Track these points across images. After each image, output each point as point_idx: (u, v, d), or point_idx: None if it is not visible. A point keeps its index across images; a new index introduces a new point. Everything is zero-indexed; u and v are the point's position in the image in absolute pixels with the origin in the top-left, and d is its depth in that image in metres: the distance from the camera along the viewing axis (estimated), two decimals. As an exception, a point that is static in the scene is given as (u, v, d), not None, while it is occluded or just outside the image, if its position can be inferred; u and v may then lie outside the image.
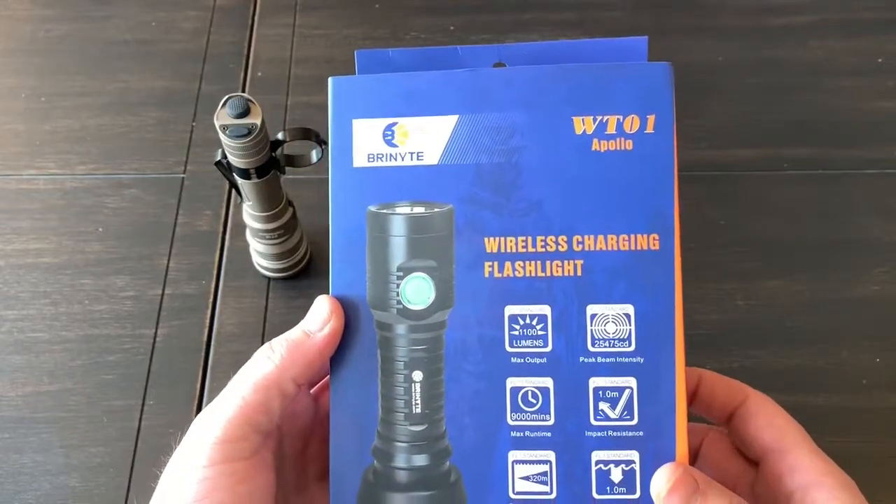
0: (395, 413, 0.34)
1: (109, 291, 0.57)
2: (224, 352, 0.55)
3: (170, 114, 0.65)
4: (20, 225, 0.60)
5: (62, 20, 0.70)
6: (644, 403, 0.33)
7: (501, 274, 0.34)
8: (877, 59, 0.68)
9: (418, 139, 0.34)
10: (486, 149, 0.34)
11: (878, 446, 0.51)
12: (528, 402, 0.33)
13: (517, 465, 0.33)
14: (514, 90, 0.34)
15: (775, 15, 0.70)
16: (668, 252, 0.33)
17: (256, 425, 0.32)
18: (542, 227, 0.34)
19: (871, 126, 0.65)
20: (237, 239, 0.59)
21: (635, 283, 0.33)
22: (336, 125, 0.35)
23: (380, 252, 0.34)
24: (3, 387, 0.53)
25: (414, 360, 0.34)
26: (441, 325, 0.34)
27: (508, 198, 0.34)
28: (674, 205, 0.33)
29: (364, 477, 0.33)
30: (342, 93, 0.35)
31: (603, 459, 0.33)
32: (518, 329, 0.34)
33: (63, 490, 0.50)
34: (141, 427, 0.52)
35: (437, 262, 0.34)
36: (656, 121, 0.34)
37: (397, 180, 0.34)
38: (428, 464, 0.34)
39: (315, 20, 0.70)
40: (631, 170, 0.34)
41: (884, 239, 0.59)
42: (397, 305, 0.34)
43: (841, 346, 0.55)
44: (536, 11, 0.71)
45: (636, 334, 0.33)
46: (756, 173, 0.62)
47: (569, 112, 0.34)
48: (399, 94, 0.35)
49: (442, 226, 0.34)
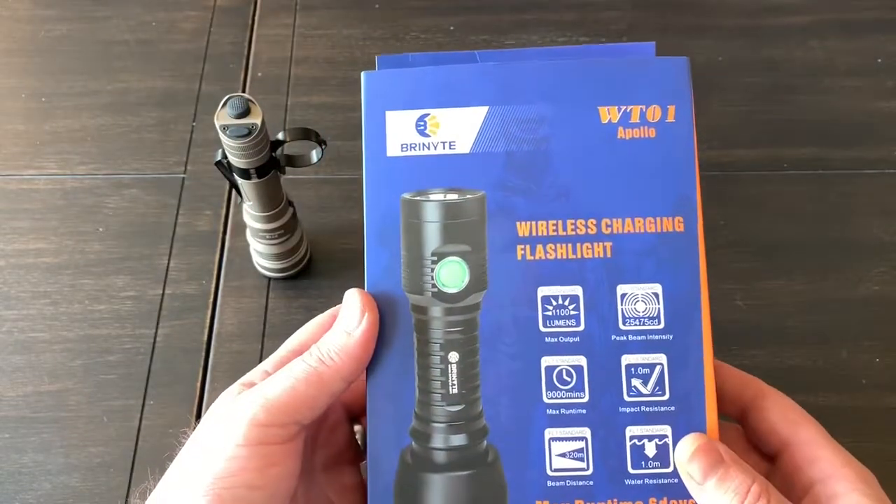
0: (433, 394, 0.34)
1: (109, 291, 0.57)
2: (224, 352, 0.55)
3: (170, 114, 0.65)
4: (20, 225, 0.60)
5: (62, 20, 0.70)
6: (674, 379, 0.34)
7: (533, 256, 0.35)
8: (877, 59, 0.68)
9: (450, 129, 0.36)
10: (515, 138, 0.35)
11: (878, 446, 0.51)
12: (562, 381, 0.34)
13: (554, 442, 0.34)
14: (541, 83, 0.36)
15: (775, 15, 0.71)
16: (693, 234, 0.35)
17: (300, 417, 0.33)
18: (571, 211, 0.35)
19: (871, 126, 0.65)
20: (237, 239, 0.59)
21: (663, 264, 0.34)
22: (369, 117, 0.36)
23: (414, 238, 0.35)
24: (4, 387, 0.53)
25: (450, 342, 0.34)
26: (476, 307, 0.35)
27: (539, 184, 0.35)
28: (696, 189, 0.35)
29: (401, 458, 0.34)
30: (375, 86, 0.36)
31: (637, 435, 0.34)
32: (551, 309, 0.34)
33: (63, 490, 0.50)
34: (141, 427, 0.52)
35: (471, 247, 0.35)
36: (677, 111, 0.35)
37: (430, 168, 0.35)
38: (466, 443, 0.34)
39: (315, 20, 0.70)
40: (654, 156, 0.35)
41: (884, 239, 0.59)
42: (432, 289, 0.35)
43: (841, 346, 0.55)
44: (536, 11, 0.71)
45: (665, 312, 0.34)
46: (756, 173, 0.62)
47: (594, 103, 0.35)
48: (431, 87, 0.36)
49: (475, 211, 0.35)
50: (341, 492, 0.38)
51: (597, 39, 0.69)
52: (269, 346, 0.55)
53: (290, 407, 0.32)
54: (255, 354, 0.54)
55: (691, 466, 0.32)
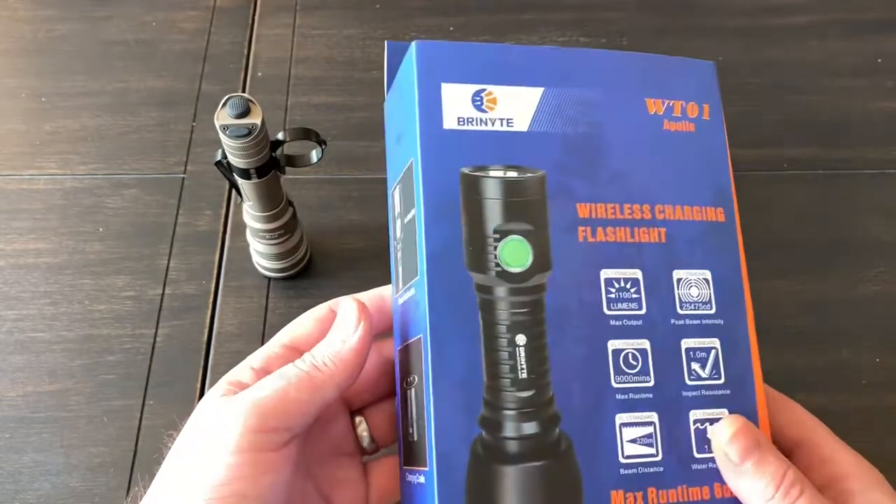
0: (501, 379, 0.33)
1: (109, 291, 0.57)
2: (224, 352, 0.55)
3: (170, 114, 0.65)
4: (20, 225, 0.60)
5: (62, 20, 0.70)
6: (728, 363, 0.34)
7: (595, 238, 0.35)
8: (877, 59, 0.68)
9: (507, 106, 0.35)
10: (570, 119, 0.36)
11: (879, 446, 0.51)
12: (629, 365, 0.34)
13: (625, 428, 0.33)
14: (594, 70, 0.36)
15: (775, 15, 0.71)
16: (732, 224, 0.36)
17: (292, 423, 0.32)
18: (626, 195, 0.35)
19: (871, 126, 0.65)
20: (237, 239, 0.59)
21: (711, 251, 0.35)
22: (423, 88, 0.35)
23: (475, 214, 0.34)
24: (3, 387, 0.53)
25: (516, 324, 0.33)
26: (541, 287, 0.34)
27: (595, 167, 0.35)
28: (731, 183, 0.36)
29: (472, 450, 0.32)
30: (428, 57, 0.35)
31: (700, 419, 0.34)
32: (614, 292, 0.34)
33: (63, 490, 0.50)
34: (141, 427, 0.52)
35: (534, 226, 0.34)
36: (710, 109, 0.37)
37: (488, 144, 0.35)
38: (538, 431, 0.33)
39: (315, 20, 0.70)
40: (695, 150, 0.36)
41: (884, 239, 0.59)
42: (496, 268, 0.33)
43: (841, 346, 0.55)
44: (536, 11, 0.71)
45: (715, 298, 0.35)
46: (756, 173, 0.62)
47: (643, 94, 0.36)
48: (486, 63, 0.36)
49: (536, 190, 0.34)
50: (336, 485, 0.38)
51: (597, 39, 0.69)
52: (269, 346, 0.55)
53: (282, 413, 0.32)
54: (255, 354, 0.54)
55: (730, 448, 0.32)
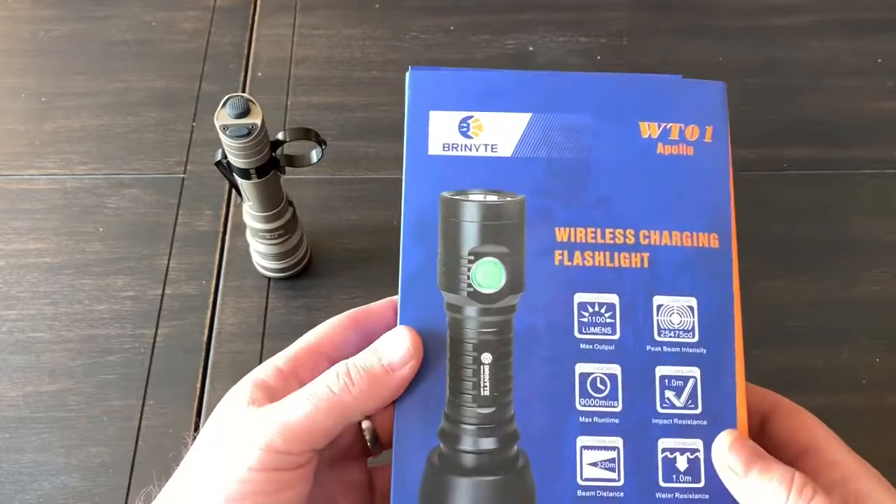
0: (464, 395, 0.34)
1: (109, 291, 0.57)
2: (224, 352, 0.55)
3: (170, 114, 0.65)
4: (20, 225, 0.60)
5: (62, 20, 0.70)
6: (707, 393, 0.34)
7: (571, 262, 0.35)
8: (877, 59, 0.68)
9: (493, 132, 0.36)
10: (557, 145, 0.36)
11: (879, 446, 0.51)
12: (596, 389, 0.34)
13: (586, 450, 0.33)
14: (585, 94, 0.36)
15: (775, 15, 0.71)
16: (727, 251, 0.35)
17: (315, 445, 0.32)
18: (610, 220, 0.35)
19: (871, 126, 0.65)
20: (237, 239, 0.59)
21: (698, 278, 0.35)
22: (413, 115, 0.36)
23: (452, 236, 0.35)
24: (4, 387, 0.53)
25: (483, 343, 0.34)
26: (511, 308, 0.34)
27: (578, 191, 0.35)
28: (731, 208, 0.36)
29: (428, 460, 0.33)
30: (420, 85, 0.37)
31: (669, 447, 0.33)
32: (587, 316, 0.34)
33: (63, 490, 0.50)
34: (141, 427, 0.52)
35: (509, 248, 0.35)
36: (714, 132, 0.36)
37: (471, 169, 0.35)
38: (495, 447, 0.34)
39: (315, 20, 0.70)
40: (691, 174, 0.36)
41: (884, 239, 0.59)
42: (468, 288, 0.34)
43: (841, 346, 0.55)
44: (536, 11, 0.71)
45: (699, 326, 0.34)
46: (756, 173, 0.62)
47: (636, 117, 0.36)
48: (476, 90, 0.36)
49: (514, 214, 0.35)
50: (346, 488, 0.38)
51: (597, 39, 0.69)
52: (269, 346, 0.55)
53: (307, 436, 0.32)
54: (255, 354, 0.54)
55: (731, 458, 0.32)
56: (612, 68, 0.67)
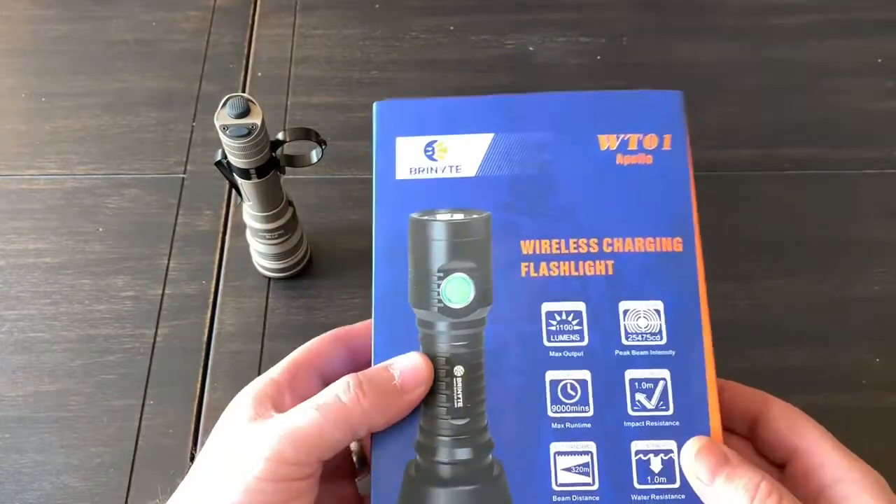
0: (438, 407, 0.35)
1: (109, 291, 0.57)
2: (224, 352, 0.55)
3: (170, 114, 0.65)
4: (20, 225, 0.60)
5: (62, 20, 0.70)
6: (678, 394, 0.34)
7: (537, 273, 0.36)
8: (877, 59, 0.68)
9: (456, 154, 0.37)
10: (519, 162, 0.37)
11: (879, 446, 0.51)
12: (567, 395, 0.35)
13: (559, 456, 0.34)
14: (544, 112, 0.38)
15: (775, 15, 0.71)
16: (691, 253, 0.36)
17: (322, 455, 0.32)
18: (573, 230, 0.36)
19: (871, 126, 0.65)
20: (237, 239, 0.59)
21: (663, 281, 0.35)
22: (380, 142, 0.38)
23: (422, 255, 0.36)
24: (4, 387, 0.53)
25: (455, 356, 0.35)
26: (481, 322, 0.35)
27: (542, 204, 0.36)
28: (692, 211, 0.36)
29: (406, 472, 0.34)
30: (386, 115, 0.39)
31: (642, 449, 0.34)
32: (555, 325, 0.35)
33: (63, 490, 0.50)
34: (141, 427, 0.52)
35: (476, 264, 0.36)
36: (672, 139, 0.37)
37: (437, 190, 0.37)
38: (471, 458, 0.34)
39: (315, 20, 0.70)
40: (652, 181, 0.37)
41: (884, 239, 0.59)
42: (438, 304, 0.36)
43: (841, 346, 0.55)
44: (536, 11, 0.71)
45: (667, 328, 0.35)
46: (756, 173, 0.62)
47: (594, 131, 0.37)
48: (439, 116, 0.38)
49: (480, 230, 0.36)
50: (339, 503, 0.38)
51: (597, 39, 0.69)
52: (268, 346, 0.55)
53: (316, 447, 0.32)
54: (255, 354, 0.54)
55: (698, 465, 0.32)
56: (612, 68, 0.67)
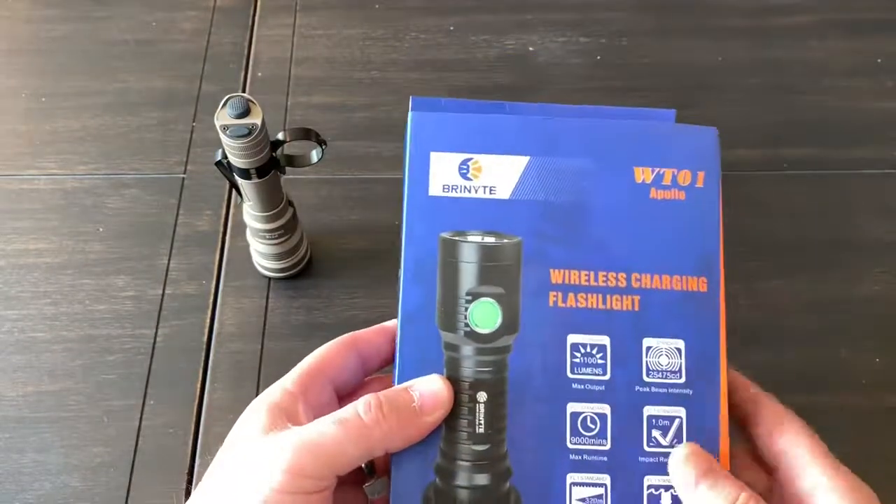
0: (459, 432, 0.35)
1: (109, 291, 0.57)
2: (224, 352, 0.55)
3: (170, 114, 0.65)
4: (21, 225, 0.60)
5: (62, 20, 0.70)
6: (691, 432, 0.35)
7: (565, 304, 0.36)
8: (877, 60, 0.68)
9: (492, 175, 0.37)
10: (553, 188, 0.37)
11: (879, 446, 0.51)
12: (586, 427, 0.35)
13: (574, 487, 0.34)
14: (582, 139, 0.37)
15: (775, 15, 0.71)
16: (715, 294, 0.36)
17: (339, 470, 0.32)
18: (603, 263, 0.36)
19: (871, 126, 0.65)
20: (237, 239, 0.59)
21: (686, 321, 0.36)
22: (414, 155, 0.37)
23: (450, 276, 0.36)
24: (4, 386, 0.53)
25: (479, 382, 0.35)
26: (507, 349, 0.35)
27: (574, 234, 0.36)
28: (719, 252, 0.36)
29: (424, 495, 0.34)
30: (422, 126, 0.37)
31: (654, 484, 0.34)
32: (579, 357, 0.35)
33: (63, 490, 0.50)
34: (141, 427, 0.52)
35: (505, 290, 0.35)
36: (705, 177, 0.37)
37: (470, 210, 0.36)
38: (489, 483, 0.34)
39: (315, 20, 0.70)
40: (682, 218, 0.36)
41: (884, 239, 0.59)
42: (465, 328, 0.35)
43: (841, 346, 0.55)
44: (536, 11, 0.71)
45: (686, 368, 0.35)
46: (756, 173, 0.62)
47: (631, 162, 0.37)
48: (476, 133, 0.37)
49: (511, 255, 0.36)
50: None
51: (597, 40, 0.69)
52: (269, 346, 0.55)
53: (335, 460, 0.32)
54: (255, 354, 0.54)
55: (686, 468, 0.33)
56: (612, 68, 0.67)
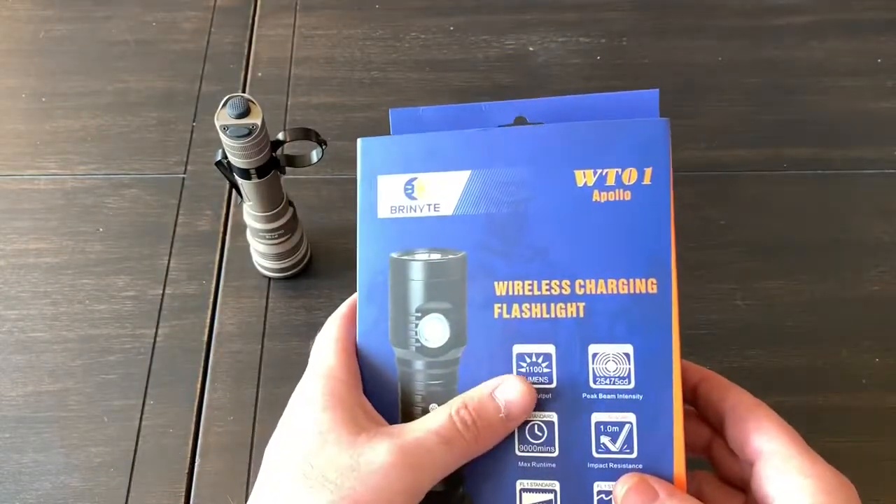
0: None
1: (109, 291, 0.57)
2: (224, 352, 0.55)
3: (170, 114, 0.65)
4: (21, 225, 0.60)
5: (62, 20, 0.70)
6: (643, 438, 0.35)
7: (510, 315, 0.36)
8: (876, 59, 0.68)
9: (435, 192, 0.37)
10: (495, 200, 0.37)
11: (878, 446, 0.51)
12: (534, 435, 0.35)
13: (524, 493, 0.35)
14: (521, 147, 0.37)
15: (775, 15, 0.71)
16: (666, 295, 0.35)
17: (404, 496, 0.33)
18: (546, 271, 0.36)
19: (871, 126, 0.65)
20: (237, 239, 0.59)
21: (634, 325, 0.35)
22: (364, 181, 0.38)
23: (401, 295, 0.37)
24: (4, 386, 0.53)
25: (431, 394, 0.36)
26: (455, 361, 0.36)
27: (516, 245, 0.36)
28: (671, 250, 0.35)
29: None
30: (370, 152, 0.39)
31: (604, 490, 0.35)
32: (525, 366, 0.36)
33: (63, 490, 0.50)
34: (141, 427, 0.52)
35: (452, 304, 0.36)
36: (653, 173, 0.36)
37: (416, 229, 0.37)
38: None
39: (315, 20, 0.70)
40: (629, 219, 0.36)
41: (884, 239, 0.59)
42: (416, 343, 0.36)
43: (841, 346, 0.55)
44: (536, 11, 0.71)
45: (635, 373, 0.35)
46: (756, 173, 0.62)
47: (571, 166, 0.36)
48: (419, 153, 0.38)
49: (456, 271, 0.36)
50: None
51: (597, 39, 0.69)
52: (269, 346, 0.55)
53: (436, 479, 0.33)
54: (256, 354, 0.54)
55: (627, 502, 0.33)
56: (612, 68, 0.67)
